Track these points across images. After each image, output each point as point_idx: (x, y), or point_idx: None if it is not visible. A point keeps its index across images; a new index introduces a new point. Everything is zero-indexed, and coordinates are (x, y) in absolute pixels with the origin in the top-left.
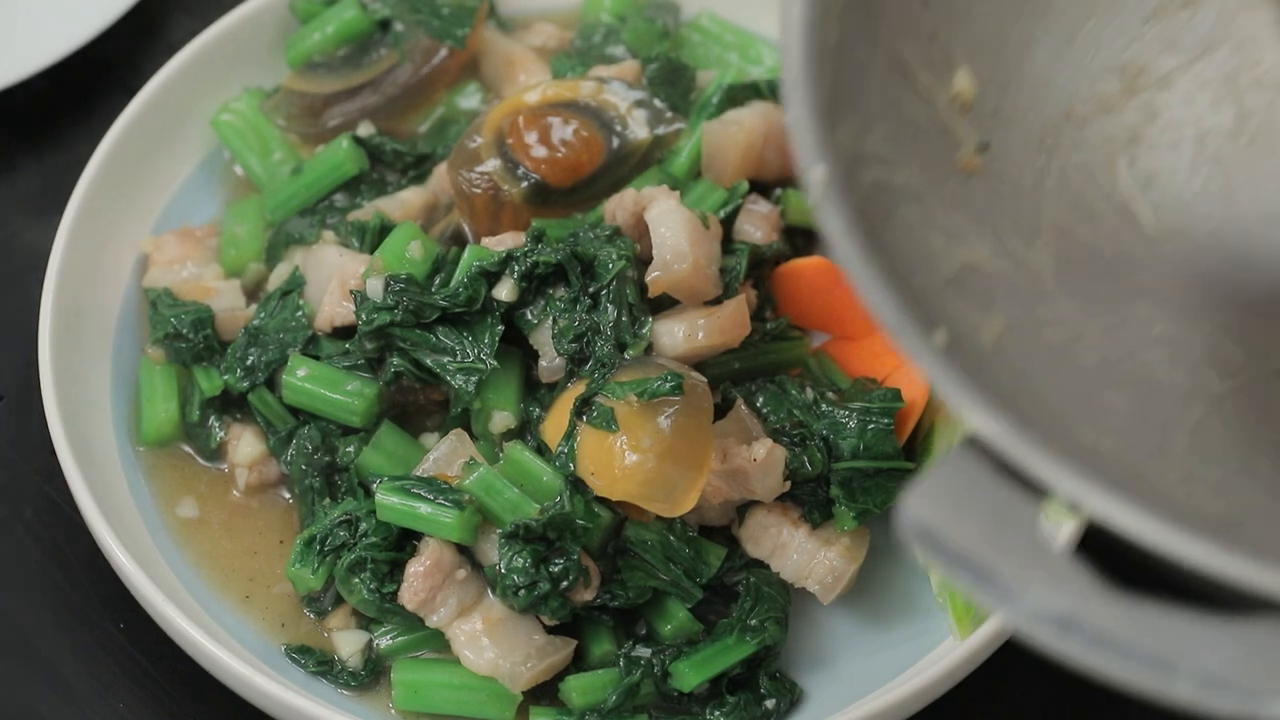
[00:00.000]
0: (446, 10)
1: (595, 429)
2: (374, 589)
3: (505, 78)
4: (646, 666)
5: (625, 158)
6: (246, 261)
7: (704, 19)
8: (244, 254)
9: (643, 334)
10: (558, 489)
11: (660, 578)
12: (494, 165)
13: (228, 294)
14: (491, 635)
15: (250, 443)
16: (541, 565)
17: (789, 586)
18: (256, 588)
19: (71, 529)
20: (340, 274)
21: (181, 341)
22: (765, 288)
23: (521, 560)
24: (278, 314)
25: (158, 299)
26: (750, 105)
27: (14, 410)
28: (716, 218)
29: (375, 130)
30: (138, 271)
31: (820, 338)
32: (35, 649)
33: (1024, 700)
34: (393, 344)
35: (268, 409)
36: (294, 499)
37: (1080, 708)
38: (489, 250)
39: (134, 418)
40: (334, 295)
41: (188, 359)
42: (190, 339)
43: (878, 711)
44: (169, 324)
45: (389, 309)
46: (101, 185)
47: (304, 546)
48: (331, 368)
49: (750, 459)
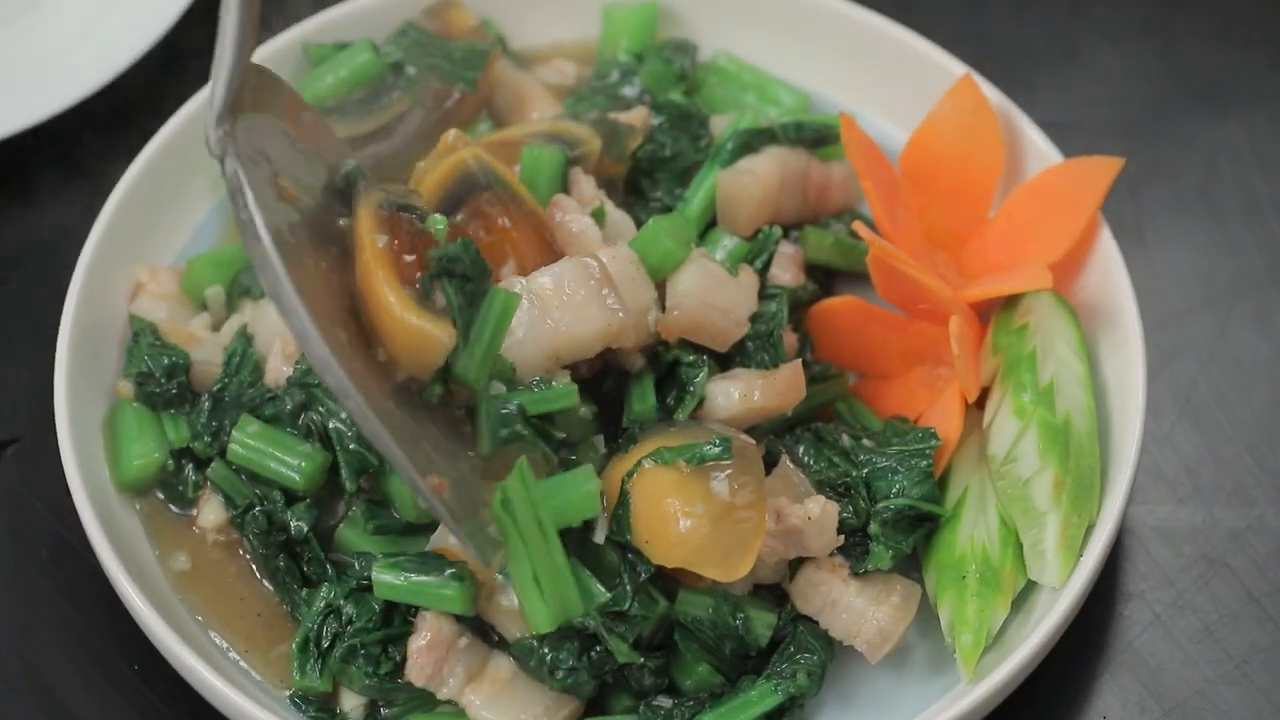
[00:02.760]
0: (459, 54)
1: (648, 499)
2: (371, 673)
3: (516, 113)
4: (666, 717)
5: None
6: (202, 287)
7: (721, 59)
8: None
9: (692, 393)
10: (616, 568)
11: (710, 661)
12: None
13: (210, 347)
14: (505, 695)
15: (216, 509)
16: (584, 655)
17: (834, 643)
18: (255, 646)
19: (86, 570)
20: (282, 335)
21: (153, 385)
22: (804, 330)
23: (568, 650)
24: (238, 373)
25: (141, 332)
26: (765, 151)
27: (29, 451)
28: (752, 268)
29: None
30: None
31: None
32: (49, 689)
33: None
34: (313, 402)
35: (226, 484)
36: (270, 584)
37: None
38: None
39: (110, 458)
40: (276, 356)
41: (157, 404)
42: (162, 384)
43: None
44: (144, 363)
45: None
46: (116, 229)
47: (300, 654)
48: (280, 431)
49: (805, 518)
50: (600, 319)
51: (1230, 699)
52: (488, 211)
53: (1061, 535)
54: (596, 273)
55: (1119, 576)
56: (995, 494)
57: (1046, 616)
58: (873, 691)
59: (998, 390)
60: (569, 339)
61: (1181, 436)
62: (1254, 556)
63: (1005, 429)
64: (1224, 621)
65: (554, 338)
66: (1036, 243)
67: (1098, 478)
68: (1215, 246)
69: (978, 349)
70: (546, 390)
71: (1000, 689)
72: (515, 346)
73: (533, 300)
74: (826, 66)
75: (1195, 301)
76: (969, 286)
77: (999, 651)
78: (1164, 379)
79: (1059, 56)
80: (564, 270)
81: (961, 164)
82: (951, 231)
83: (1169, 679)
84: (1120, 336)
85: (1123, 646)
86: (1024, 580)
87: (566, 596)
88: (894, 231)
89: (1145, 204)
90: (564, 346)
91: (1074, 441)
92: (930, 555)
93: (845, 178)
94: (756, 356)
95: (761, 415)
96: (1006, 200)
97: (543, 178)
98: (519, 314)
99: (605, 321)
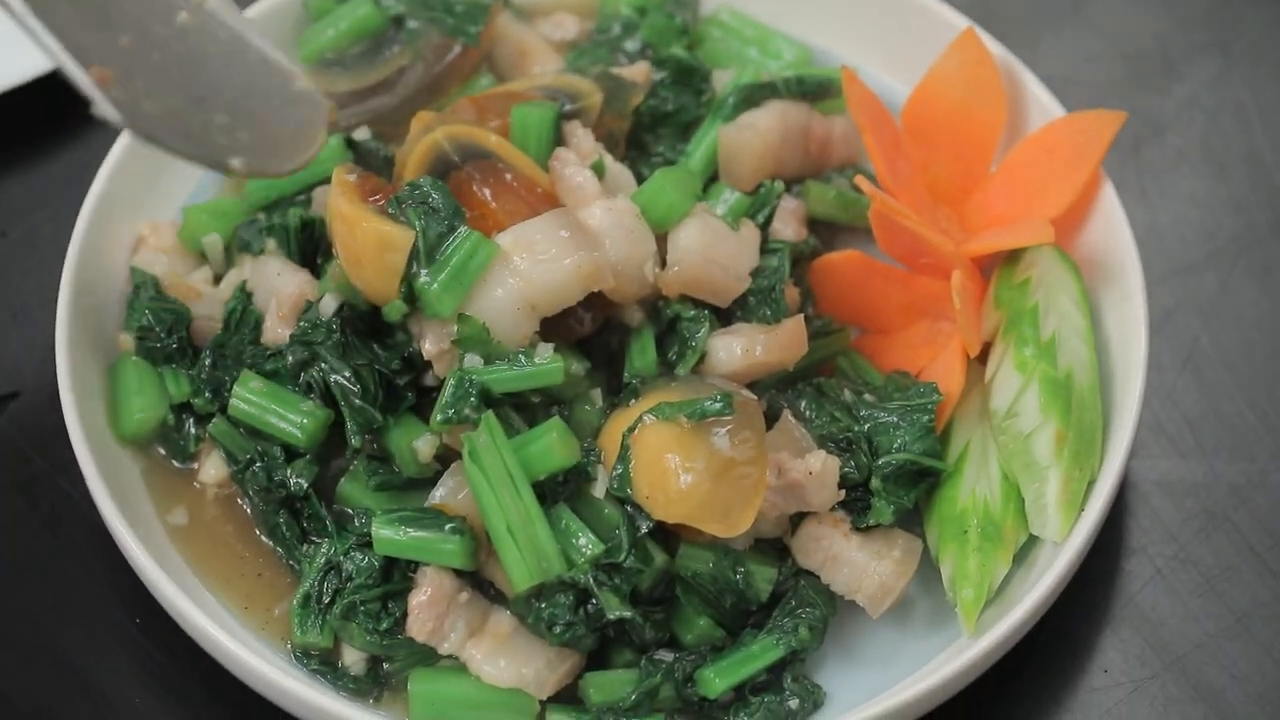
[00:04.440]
0: (460, 7)
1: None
2: (372, 629)
3: (518, 67)
4: (668, 670)
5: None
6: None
7: (723, 13)
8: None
9: (694, 348)
10: (615, 522)
11: (712, 615)
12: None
13: (211, 302)
14: (506, 649)
15: (217, 465)
16: (580, 608)
17: (835, 598)
18: (255, 604)
19: (87, 525)
20: (277, 294)
21: (153, 340)
22: (806, 285)
23: (562, 605)
24: (237, 330)
25: (142, 285)
26: (766, 106)
27: (30, 405)
28: (753, 222)
29: (371, 135)
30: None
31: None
32: (52, 643)
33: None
34: (315, 360)
35: (227, 439)
36: (270, 539)
37: (1091, 711)
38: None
39: (110, 411)
40: (273, 317)
41: (158, 359)
42: (163, 339)
43: (893, 709)
44: (144, 316)
45: (328, 331)
46: (116, 185)
47: (301, 609)
48: (282, 388)
49: (806, 472)
50: (571, 261)
51: (1231, 653)
52: (469, 187)
53: (1063, 490)
54: (565, 219)
55: (1120, 531)
56: (997, 449)
57: (1048, 571)
58: (874, 646)
59: (999, 345)
60: (541, 286)
61: (1183, 391)
62: (1255, 511)
63: (1007, 384)
64: (1225, 576)
65: (526, 286)
66: (1039, 197)
67: (1099, 432)
68: (1218, 202)
69: (979, 304)
70: (529, 366)
71: (1001, 643)
72: (489, 304)
73: (501, 255)
74: (828, 20)
75: (1197, 257)
76: (971, 241)
77: (1000, 606)
78: (1166, 334)
79: (1062, 11)
80: (532, 222)
81: (963, 118)
82: (954, 185)
83: (1170, 633)
84: (1122, 291)
85: (1124, 601)
86: (1025, 535)
87: (544, 550)
88: (896, 186)
89: (1147, 159)
90: (537, 295)
91: (1076, 396)
92: (932, 510)
93: (847, 132)
94: (758, 311)
95: (763, 370)
96: (1009, 154)
97: (532, 137)
98: (487, 273)
99: (576, 263)
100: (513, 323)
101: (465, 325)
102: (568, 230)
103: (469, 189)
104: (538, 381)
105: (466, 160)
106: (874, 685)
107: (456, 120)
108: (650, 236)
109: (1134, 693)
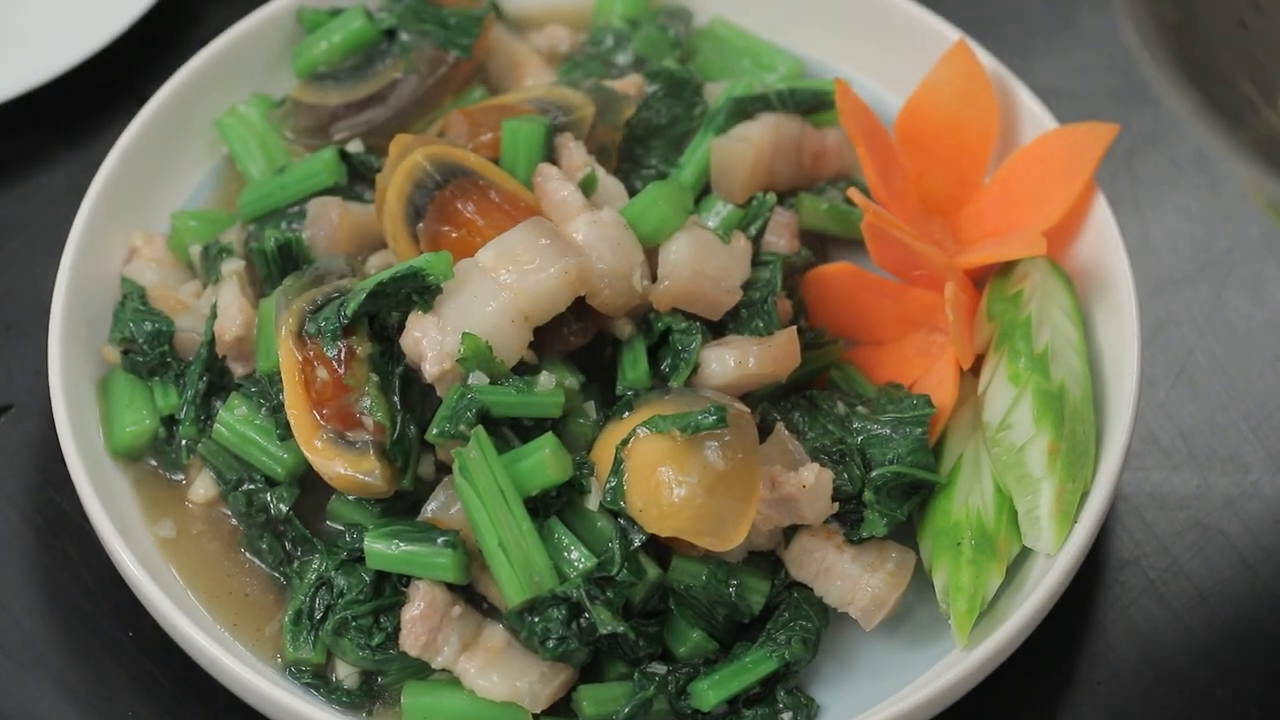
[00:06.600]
0: (453, 20)
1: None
2: (364, 644)
3: (511, 79)
4: (661, 683)
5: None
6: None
7: (716, 26)
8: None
9: (687, 360)
10: (609, 535)
11: (705, 627)
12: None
13: (197, 315)
14: (500, 663)
15: (207, 484)
16: (573, 622)
17: (828, 611)
18: (244, 621)
19: (81, 537)
20: (218, 333)
21: (137, 354)
22: (798, 297)
23: (555, 619)
24: (217, 355)
25: (130, 295)
26: (759, 118)
27: (23, 418)
28: (744, 235)
29: (364, 148)
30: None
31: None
32: (45, 656)
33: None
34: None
35: (216, 458)
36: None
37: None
38: None
39: (103, 426)
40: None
41: (142, 372)
42: (146, 352)
43: None
44: (128, 328)
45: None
46: (110, 197)
47: (293, 625)
48: (266, 420)
49: (799, 486)
50: (556, 267)
51: (1224, 665)
52: (451, 207)
53: (1056, 502)
54: (541, 227)
55: (1113, 543)
56: (990, 460)
57: (1041, 583)
58: (867, 658)
59: (992, 357)
60: (530, 296)
61: (1176, 403)
62: (1248, 523)
63: (1000, 395)
64: (1218, 588)
65: (515, 297)
66: (1031, 209)
67: (1092, 444)
68: (1210, 214)
69: (972, 315)
70: (530, 394)
71: (995, 655)
72: (484, 320)
73: (485, 270)
74: (821, 32)
75: (1190, 269)
76: (964, 253)
77: (993, 618)
78: (1159, 346)
79: (1054, 23)
80: (509, 234)
81: (956, 130)
82: (946, 197)
83: (1163, 645)
84: (1115, 302)
85: (1117, 613)
86: (1018, 547)
87: (536, 565)
88: (889, 198)
89: (1140, 171)
90: (527, 305)
91: (1069, 408)
92: (925, 522)
93: (840, 144)
94: (750, 324)
95: (756, 382)
96: (1001, 166)
97: (523, 152)
98: (476, 290)
99: (562, 268)
100: (507, 336)
101: (468, 343)
102: (547, 238)
103: (454, 208)
104: (537, 411)
105: (449, 179)
106: (867, 698)
107: (434, 141)
108: (638, 247)
109: (1127, 705)
